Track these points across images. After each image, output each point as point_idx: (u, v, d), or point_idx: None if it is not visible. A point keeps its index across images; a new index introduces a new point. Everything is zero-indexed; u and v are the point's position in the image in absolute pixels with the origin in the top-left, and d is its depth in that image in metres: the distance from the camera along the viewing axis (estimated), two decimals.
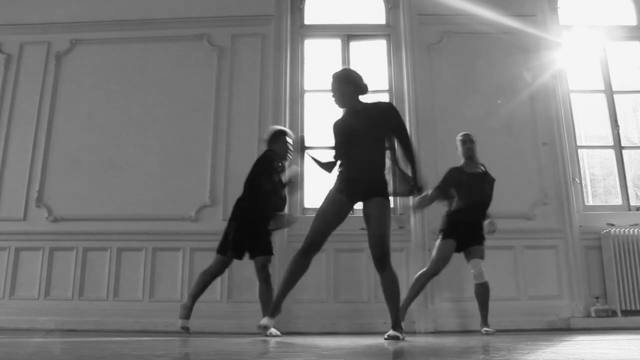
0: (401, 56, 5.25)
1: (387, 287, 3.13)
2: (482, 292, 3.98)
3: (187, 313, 3.91)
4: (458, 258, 4.10)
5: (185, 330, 3.90)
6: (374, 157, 3.18)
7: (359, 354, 2.05)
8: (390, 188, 3.20)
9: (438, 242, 4.02)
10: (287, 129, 4.20)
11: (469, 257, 4.04)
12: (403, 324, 3.35)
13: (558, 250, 4.75)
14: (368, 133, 3.16)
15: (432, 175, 4.63)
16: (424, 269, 4.02)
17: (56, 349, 2.27)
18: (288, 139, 4.03)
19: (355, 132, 3.17)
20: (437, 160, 4.89)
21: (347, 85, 3.25)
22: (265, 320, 3.07)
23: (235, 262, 4.02)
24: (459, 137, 4.27)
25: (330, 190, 3.21)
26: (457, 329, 4.53)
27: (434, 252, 4.03)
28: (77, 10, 5.46)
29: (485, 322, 3.97)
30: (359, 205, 3.21)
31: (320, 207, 3.19)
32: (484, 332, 3.89)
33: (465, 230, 4.00)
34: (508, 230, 4.76)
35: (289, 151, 4.02)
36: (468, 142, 4.21)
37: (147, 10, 5.41)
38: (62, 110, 5.27)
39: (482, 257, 4.00)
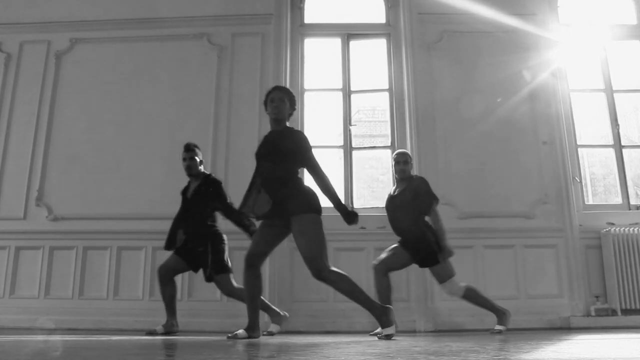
0: (401, 55, 5.25)
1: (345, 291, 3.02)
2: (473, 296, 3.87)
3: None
4: (457, 259, 4.08)
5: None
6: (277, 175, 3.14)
7: (359, 353, 2.06)
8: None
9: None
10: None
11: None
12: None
13: (558, 249, 4.75)
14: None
15: (432, 175, 4.65)
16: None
17: (56, 349, 2.27)
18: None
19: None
20: (437, 159, 4.89)
21: (292, 104, 3.31)
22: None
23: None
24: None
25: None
26: (457, 328, 4.53)
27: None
28: (77, 9, 5.46)
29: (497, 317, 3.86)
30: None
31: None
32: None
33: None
34: (508, 229, 4.76)
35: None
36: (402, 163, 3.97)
37: (147, 9, 5.40)
38: (62, 109, 5.27)
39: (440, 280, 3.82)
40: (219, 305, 4.67)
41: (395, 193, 3.98)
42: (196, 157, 4.06)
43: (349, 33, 5.47)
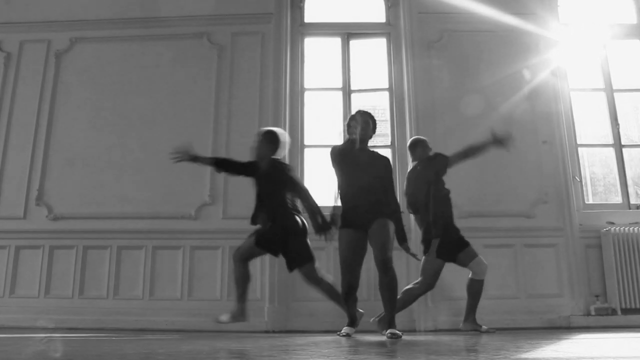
0: (401, 54, 5.24)
1: (385, 286, 3.36)
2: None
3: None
4: None
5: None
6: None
7: (359, 352, 2.06)
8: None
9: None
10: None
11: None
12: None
13: (558, 248, 4.75)
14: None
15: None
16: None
17: (56, 348, 2.27)
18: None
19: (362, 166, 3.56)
20: None
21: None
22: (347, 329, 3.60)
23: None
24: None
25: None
26: (457, 328, 4.52)
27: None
28: (77, 9, 5.45)
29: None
30: None
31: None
32: (483, 330, 3.89)
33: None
34: (508, 228, 4.76)
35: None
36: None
37: (147, 8, 5.40)
38: (62, 108, 5.26)
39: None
40: (219, 304, 4.67)
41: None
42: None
43: (349, 32, 5.46)
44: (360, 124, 3.54)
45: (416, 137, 4.31)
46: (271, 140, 3.83)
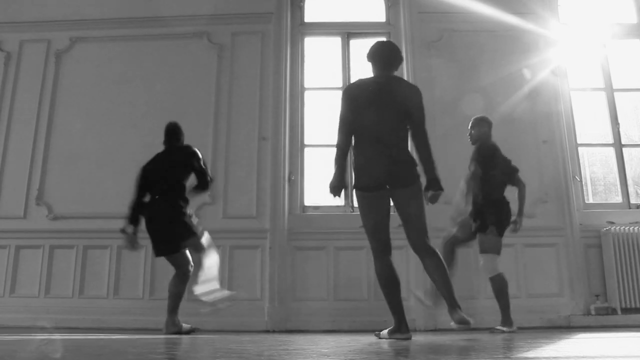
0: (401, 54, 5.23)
1: (433, 269, 2.90)
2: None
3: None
4: (458, 259, 4.09)
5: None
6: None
7: (359, 352, 2.05)
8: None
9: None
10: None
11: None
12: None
13: (558, 248, 4.74)
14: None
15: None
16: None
17: (56, 347, 2.27)
18: None
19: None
20: (436, 158, 4.86)
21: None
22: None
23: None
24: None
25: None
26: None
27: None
28: (77, 8, 5.45)
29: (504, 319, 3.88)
30: None
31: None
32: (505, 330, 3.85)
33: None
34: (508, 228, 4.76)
35: None
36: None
37: (147, 8, 5.39)
38: (62, 108, 5.26)
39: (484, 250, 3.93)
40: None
41: None
42: None
43: (349, 32, 5.46)
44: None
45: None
46: None
